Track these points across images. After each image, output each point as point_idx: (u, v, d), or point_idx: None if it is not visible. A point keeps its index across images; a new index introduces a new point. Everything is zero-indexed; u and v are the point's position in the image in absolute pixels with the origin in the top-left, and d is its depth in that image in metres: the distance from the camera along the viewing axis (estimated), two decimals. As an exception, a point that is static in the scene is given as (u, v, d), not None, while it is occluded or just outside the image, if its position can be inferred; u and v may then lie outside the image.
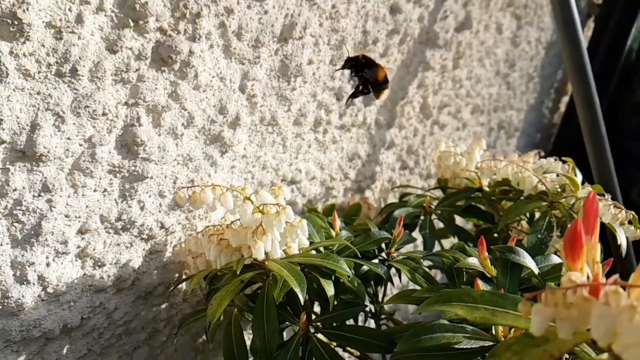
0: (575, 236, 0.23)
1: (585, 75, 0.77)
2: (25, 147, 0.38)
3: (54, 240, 0.42)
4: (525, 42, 1.02)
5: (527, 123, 1.22)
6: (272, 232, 0.38)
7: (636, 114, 1.52)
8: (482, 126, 1.01)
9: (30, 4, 0.34)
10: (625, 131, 1.51)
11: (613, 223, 0.44)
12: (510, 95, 1.06)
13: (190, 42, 0.44)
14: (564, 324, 0.21)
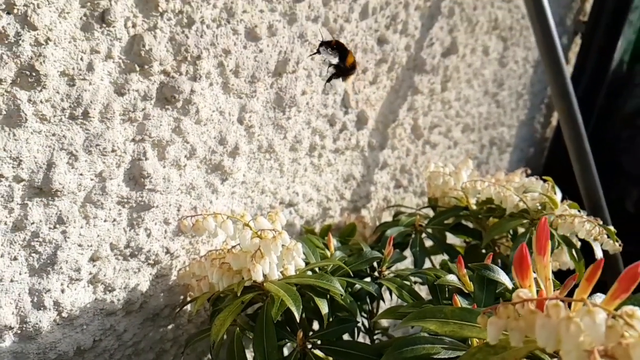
0: (522, 259, 0.26)
1: (568, 96, 0.81)
2: (42, 184, 0.41)
3: (68, 268, 0.45)
4: (512, 61, 1.06)
5: (519, 138, 1.25)
6: (269, 255, 0.41)
7: (627, 127, 1.55)
8: (473, 144, 1.05)
9: (46, 57, 0.38)
10: (616, 144, 1.53)
11: (588, 238, 0.47)
12: (500, 113, 1.10)
13: (192, 81, 0.48)
14: (514, 334, 0.24)
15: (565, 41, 1.28)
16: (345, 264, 0.46)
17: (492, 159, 1.16)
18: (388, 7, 0.67)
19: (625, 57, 1.86)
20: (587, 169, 0.81)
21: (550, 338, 0.22)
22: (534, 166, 1.41)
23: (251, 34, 0.52)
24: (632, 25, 1.73)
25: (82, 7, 0.39)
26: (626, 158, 1.54)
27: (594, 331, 0.21)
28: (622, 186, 1.55)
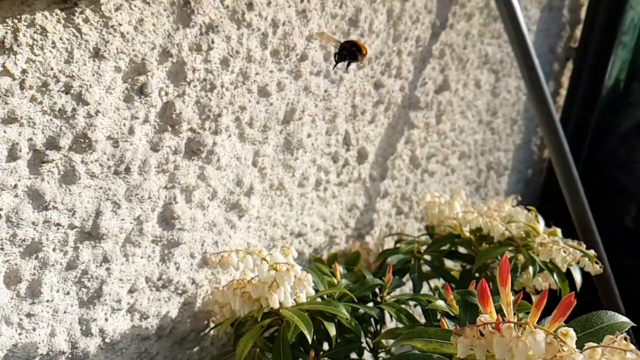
0: (483, 292, 0.33)
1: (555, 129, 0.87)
2: (91, 229, 0.49)
3: (111, 300, 0.52)
4: (505, 91, 1.13)
5: (517, 161, 1.32)
6: (284, 285, 0.48)
7: (623, 145, 1.60)
8: (470, 169, 1.11)
9: (96, 126, 0.46)
10: (614, 161, 1.59)
11: (564, 264, 0.54)
12: (496, 139, 1.17)
13: (214, 135, 0.56)
14: (478, 350, 0.30)
15: (556, 67, 1.36)
16: (350, 290, 0.53)
17: (491, 182, 1.22)
18: (382, 56, 0.75)
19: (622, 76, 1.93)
20: (576, 195, 0.88)
21: (505, 353, 0.29)
22: (534, 186, 1.47)
23: (263, 91, 0.60)
24: (626, 46, 1.81)
25: (124, 83, 0.47)
26: (624, 175, 1.59)
27: (536, 347, 0.28)
28: (621, 203, 1.60)
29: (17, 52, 0.40)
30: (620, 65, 1.84)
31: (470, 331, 0.31)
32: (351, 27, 0.68)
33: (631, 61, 1.97)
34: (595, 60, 1.34)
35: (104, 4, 0.43)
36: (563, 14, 1.28)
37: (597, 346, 0.28)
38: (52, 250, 0.47)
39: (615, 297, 0.89)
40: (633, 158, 1.57)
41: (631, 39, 1.83)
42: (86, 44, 0.43)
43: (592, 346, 0.28)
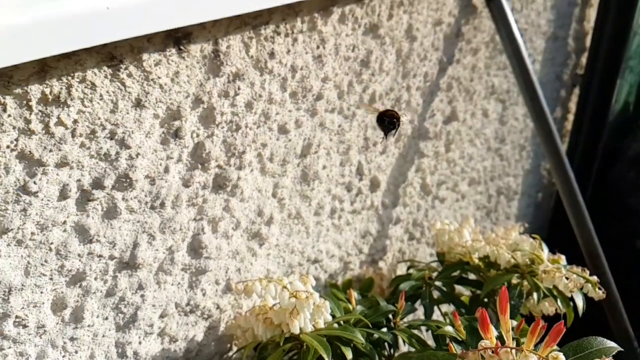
0: (483, 320, 0.37)
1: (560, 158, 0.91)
2: (129, 260, 0.54)
3: (144, 324, 0.57)
4: (512, 119, 1.17)
5: (527, 185, 1.35)
6: (303, 312, 0.52)
7: (633, 168, 1.62)
8: (481, 195, 1.15)
9: (136, 167, 0.51)
10: (624, 185, 1.60)
11: (567, 291, 0.57)
12: (505, 165, 1.20)
13: (238, 170, 0.61)
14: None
15: (563, 94, 1.39)
16: (365, 316, 0.57)
17: (501, 207, 1.25)
18: (392, 92, 0.80)
19: (630, 99, 1.96)
20: (583, 222, 0.91)
21: None
22: (545, 210, 1.50)
23: (282, 129, 0.65)
24: (633, 70, 1.85)
25: (161, 127, 0.52)
26: (634, 199, 1.61)
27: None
28: (632, 226, 1.61)
29: (70, 105, 0.45)
30: (628, 89, 1.87)
31: (472, 355, 0.35)
32: (363, 68, 0.73)
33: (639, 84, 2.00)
34: (601, 86, 1.38)
35: (145, 60, 0.48)
36: (568, 43, 1.32)
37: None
38: (94, 279, 0.52)
39: (624, 321, 0.91)
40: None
41: (638, 63, 1.87)
42: (129, 96, 0.49)
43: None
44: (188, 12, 0.45)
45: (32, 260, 0.47)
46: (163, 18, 0.44)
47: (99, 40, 0.41)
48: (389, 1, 0.73)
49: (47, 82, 0.44)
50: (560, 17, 1.23)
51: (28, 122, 0.43)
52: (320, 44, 0.66)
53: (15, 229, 0.45)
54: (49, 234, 0.47)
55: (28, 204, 0.45)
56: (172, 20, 0.45)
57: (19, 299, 0.47)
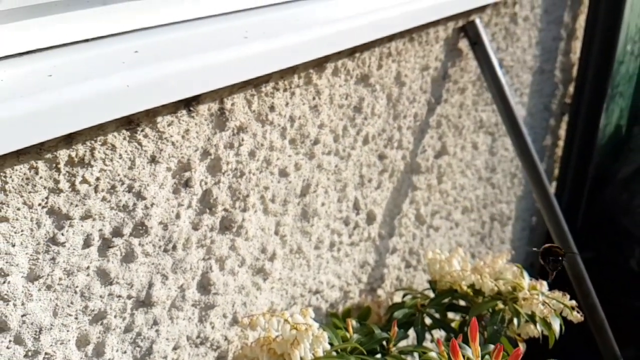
0: (454, 348, 0.42)
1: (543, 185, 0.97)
2: (144, 298, 0.59)
3: (159, 357, 0.63)
4: (502, 149, 1.23)
5: (520, 211, 1.40)
6: (303, 342, 0.57)
7: (624, 190, 1.67)
8: (474, 222, 1.20)
9: (151, 215, 0.57)
10: (615, 207, 1.65)
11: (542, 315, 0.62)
12: (497, 193, 1.26)
13: (243, 212, 0.67)
14: None
15: (553, 122, 1.46)
16: (360, 344, 0.63)
17: (495, 232, 1.31)
18: (384, 133, 0.86)
19: (622, 122, 2.02)
20: (567, 246, 0.96)
21: None
22: (540, 232, 1.54)
23: (283, 172, 0.71)
24: (623, 94, 1.91)
25: (173, 179, 0.58)
26: (627, 220, 1.65)
27: None
28: (625, 246, 1.65)
29: (93, 165, 0.52)
30: (619, 113, 1.94)
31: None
32: (356, 113, 0.80)
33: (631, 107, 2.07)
34: (588, 113, 1.44)
35: (159, 122, 0.55)
36: (555, 75, 1.39)
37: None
38: (114, 317, 0.58)
39: (610, 340, 0.95)
40: (635, 203, 1.63)
41: (628, 88, 1.93)
42: (145, 153, 0.55)
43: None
44: (197, 83, 0.51)
45: (59, 303, 0.53)
46: (175, 90, 0.50)
47: (120, 113, 0.47)
48: (378, 53, 0.80)
49: (74, 147, 0.50)
50: (546, 51, 1.30)
51: (57, 182, 0.50)
52: (315, 95, 0.72)
53: (45, 276, 0.51)
54: (74, 279, 0.53)
55: (56, 253, 0.51)
56: (183, 91, 0.51)
57: (48, 337, 0.52)
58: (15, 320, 0.49)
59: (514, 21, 1.12)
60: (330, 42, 0.64)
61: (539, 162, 1.00)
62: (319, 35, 0.62)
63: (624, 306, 1.59)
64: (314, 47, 0.62)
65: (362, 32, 0.69)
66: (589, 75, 1.40)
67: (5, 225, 0.47)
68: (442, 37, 0.92)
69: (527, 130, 0.97)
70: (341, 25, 0.66)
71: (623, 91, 1.86)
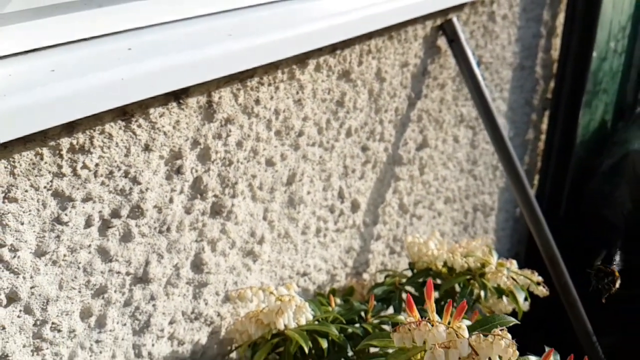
0: (410, 304, 0.47)
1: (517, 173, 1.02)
2: (142, 275, 0.65)
3: (156, 329, 0.68)
4: (483, 142, 1.29)
5: (503, 202, 1.46)
6: (287, 312, 0.63)
7: (606, 183, 1.72)
8: (457, 212, 1.26)
9: (146, 199, 0.63)
10: (598, 200, 1.70)
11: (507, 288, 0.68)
12: (479, 184, 1.31)
13: (232, 198, 0.73)
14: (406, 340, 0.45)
15: (535, 117, 1.51)
16: (341, 315, 0.68)
17: (478, 222, 1.36)
18: (367, 126, 0.92)
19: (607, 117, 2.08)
20: (541, 231, 1.02)
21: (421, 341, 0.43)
22: (524, 223, 1.60)
23: (269, 162, 0.77)
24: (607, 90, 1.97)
25: (165, 166, 0.64)
26: (609, 211, 1.70)
27: (439, 336, 0.42)
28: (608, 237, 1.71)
29: (92, 152, 0.58)
30: (604, 108, 2.00)
31: (402, 329, 0.45)
32: (338, 107, 0.86)
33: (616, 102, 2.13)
34: (568, 108, 1.50)
35: (152, 113, 0.61)
36: (536, 71, 1.45)
37: (479, 333, 0.42)
38: (114, 292, 0.63)
39: (582, 318, 1.01)
40: (616, 194, 1.69)
41: (613, 84, 1.99)
42: (139, 142, 0.61)
43: (476, 333, 0.42)
44: (184, 77, 0.57)
45: (64, 277, 0.58)
46: (165, 83, 0.56)
47: (116, 104, 0.53)
48: (358, 50, 0.86)
49: (75, 135, 0.56)
50: (525, 48, 1.35)
51: (60, 167, 0.55)
52: (299, 90, 0.78)
53: (51, 252, 0.57)
54: (77, 255, 0.59)
55: (61, 232, 0.57)
56: (173, 83, 0.57)
57: (55, 308, 0.58)
58: (25, 291, 0.55)
59: (492, 19, 1.17)
60: (310, 39, 0.69)
61: (515, 155, 1.06)
62: (298, 33, 0.68)
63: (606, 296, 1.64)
64: (294, 44, 0.67)
65: (340, 30, 0.75)
66: (568, 72, 1.46)
67: (15, 205, 0.52)
68: (421, 35, 0.98)
69: (509, 125, 1.03)
70: (320, 24, 0.72)
71: (607, 88, 1.92)
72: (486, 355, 0.42)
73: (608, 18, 1.64)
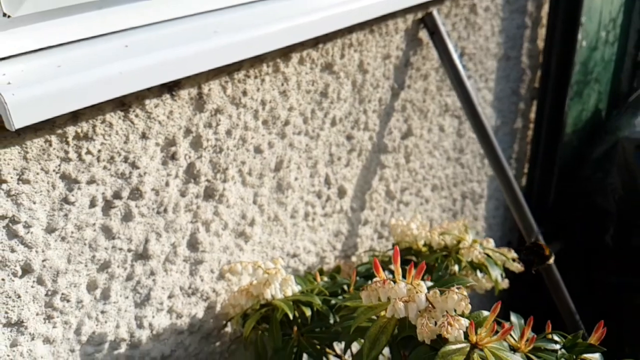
0: (376, 266, 0.53)
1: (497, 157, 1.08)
2: (142, 252, 0.72)
3: (156, 302, 0.75)
4: (470, 131, 1.34)
5: (492, 189, 1.51)
6: (274, 283, 0.69)
7: (599, 169, 1.77)
8: (445, 199, 1.31)
9: (145, 182, 0.69)
10: (590, 186, 1.75)
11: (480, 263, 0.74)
12: (467, 172, 1.37)
13: (223, 183, 0.79)
14: (373, 298, 0.51)
15: (522, 106, 1.56)
16: (325, 288, 0.74)
17: (467, 209, 1.42)
18: (351, 115, 0.98)
19: (601, 106, 2.12)
20: (523, 213, 1.07)
21: (385, 297, 0.49)
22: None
23: (258, 149, 0.83)
24: (599, 80, 2.02)
25: (161, 152, 0.71)
26: (601, 198, 1.74)
27: (400, 291, 0.48)
28: (600, 222, 1.75)
29: (95, 139, 0.64)
30: (597, 96, 2.04)
31: (369, 287, 0.51)
32: (323, 98, 0.92)
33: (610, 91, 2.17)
34: (554, 97, 1.55)
35: (147, 104, 0.67)
36: (522, 61, 1.50)
37: (436, 289, 0.48)
38: (117, 267, 0.70)
39: (565, 298, 1.06)
40: (608, 181, 1.73)
41: (605, 73, 2.04)
42: (137, 130, 0.67)
43: (434, 290, 0.48)
44: (175, 70, 0.64)
45: (72, 252, 0.65)
46: (159, 75, 0.63)
47: (114, 95, 0.60)
48: (340, 44, 0.92)
49: (79, 124, 0.63)
50: (510, 39, 1.41)
51: (67, 152, 0.62)
52: (284, 82, 0.84)
53: (60, 229, 0.63)
54: (83, 232, 0.66)
55: (68, 211, 0.64)
56: (165, 76, 0.64)
57: (64, 280, 0.65)
58: (37, 264, 0.62)
59: (473, 11, 1.23)
60: (290, 34, 0.76)
61: (496, 142, 1.11)
62: (279, 29, 0.74)
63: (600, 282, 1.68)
64: (275, 39, 0.74)
65: (320, 25, 0.81)
66: (554, 61, 1.51)
67: (28, 186, 0.59)
68: (402, 28, 1.04)
69: (495, 114, 1.09)
70: (300, 20, 0.78)
71: (600, 77, 1.96)
72: (442, 309, 0.48)
73: (597, 8, 1.68)
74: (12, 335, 0.61)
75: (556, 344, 0.54)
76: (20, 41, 0.59)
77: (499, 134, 1.45)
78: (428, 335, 0.46)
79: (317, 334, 0.67)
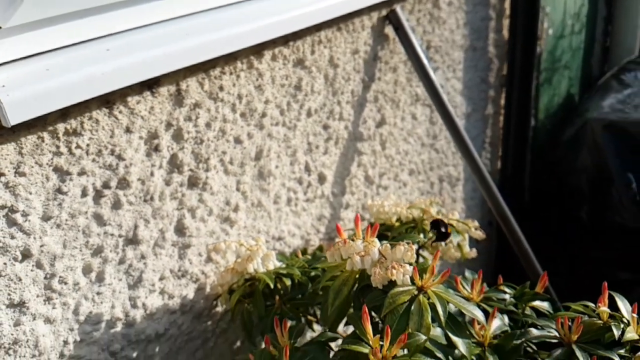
0: (338, 229, 0.60)
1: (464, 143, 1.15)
2: (132, 237, 0.78)
3: (148, 284, 0.81)
4: (442, 119, 1.41)
5: (468, 172, 1.58)
6: (256, 258, 0.76)
7: (570, 150, 1.84)
8: (423, 183, 1.38)
9: (131, 173, 0.76)
10: (563, 167, 1.82)
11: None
12: (442, 157, 1.44)
13: (206, 172, 0.85)
14: (337, 256, 0.58)
15: (492, 93, 1.64)
16: (306, 263, 0.81)
17: (445, 192, 1.48)
18: (326, 106, 1.05)
19: (573, 90, 2.21)
20: (491, 191, 1.14)
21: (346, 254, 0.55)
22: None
23: (237, 140, 0.90)
24: (569, 66, 2.10)
25: (145, 145, 0.77)
26: (573, 177, 1.82)
27: (357, 248, 0.55)
28: (576, 201, 1.82)
29: (83, 135, 0.71)
30: (567, 82, 2.12)
31: (332, 247, 0.58)
32: (297, 91, 0.99)
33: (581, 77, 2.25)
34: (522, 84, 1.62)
35: (129, 101, 0.74)
36: (489, 51, 1.58)
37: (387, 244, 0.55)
38: (109, 252, 0.76)
39: (532, 261, 1.13)
40: (579, 161, 1.80)
41: (575, 59, 2.12)
42: (121, 125, 0.74)
43: (385, 244, 0.55)
44: (152, 69, 0.70)
45: (67, 238, 0.71)
46: (139, 74, 0.69)
47: (98, 92, 0.66)
48: (310, 41, 0.99)
49: (68, 121, 0.69)
50: (475, 31, 1.48)
51: (58, 147, 0.69)
52: (258, 77, 0.91)
53: (55, 217, 0.70)
54: (77, 220, 0.72)
55: (62, 200, 0.70)
56: (145, 73, 0.70)
57: (61, 264, 0.71)
58: (35, 249, 0.68)
59: (437, 6, 1.30)
60: (257, 34, 0.83)
61: (462, 127, 1.19)
62: (245, 30, 0.81)
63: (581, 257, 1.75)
64: (242, 39, 0.80)
65: (287, 24, 0.88)
66: (518, 50, 1.59)
67: (24, 178, 0.65)
68: (368, 25, 1.11)
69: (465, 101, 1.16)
70: (268, 20, 0.85)
71: (569, 64, 2.04)
72: (392, 259, 0.55)
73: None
74: (15, 315, 0.67)
75: (505, 294, 0.60)
76: (12, 49, 0.66)
77: (470, 120, 1.52)
78: (380, 281, 0.53)
79: (297, 300, 0.74)
